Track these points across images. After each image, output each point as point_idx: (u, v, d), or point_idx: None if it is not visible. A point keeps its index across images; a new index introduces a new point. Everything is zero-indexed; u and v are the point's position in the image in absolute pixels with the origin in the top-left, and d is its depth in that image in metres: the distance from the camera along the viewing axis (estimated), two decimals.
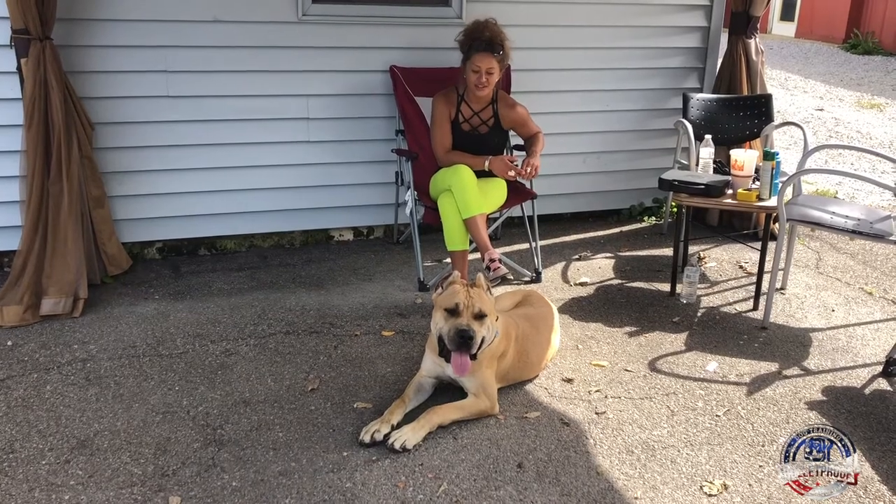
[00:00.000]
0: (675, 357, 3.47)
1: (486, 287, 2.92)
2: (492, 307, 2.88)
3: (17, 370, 3.19)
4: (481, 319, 2.80)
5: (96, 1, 3.92)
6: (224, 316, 3.74)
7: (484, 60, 3.84)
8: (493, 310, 2.89)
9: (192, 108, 4.22)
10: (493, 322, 2.86)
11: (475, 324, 2.77)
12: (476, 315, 2.79)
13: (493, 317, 2.87)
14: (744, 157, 3.93)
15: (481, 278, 2.91)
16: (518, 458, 2.70)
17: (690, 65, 5.18)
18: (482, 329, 2.79)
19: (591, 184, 5.20)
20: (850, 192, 6.28)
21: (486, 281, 2.91)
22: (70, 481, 2.53)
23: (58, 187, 3.69)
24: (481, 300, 2.82)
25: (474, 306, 2.79)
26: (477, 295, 2.83)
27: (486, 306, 2.82)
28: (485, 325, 2.80)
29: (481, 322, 2.79)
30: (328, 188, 4.61)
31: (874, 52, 15.28)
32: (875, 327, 3.81)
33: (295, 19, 4.26)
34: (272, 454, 2.69)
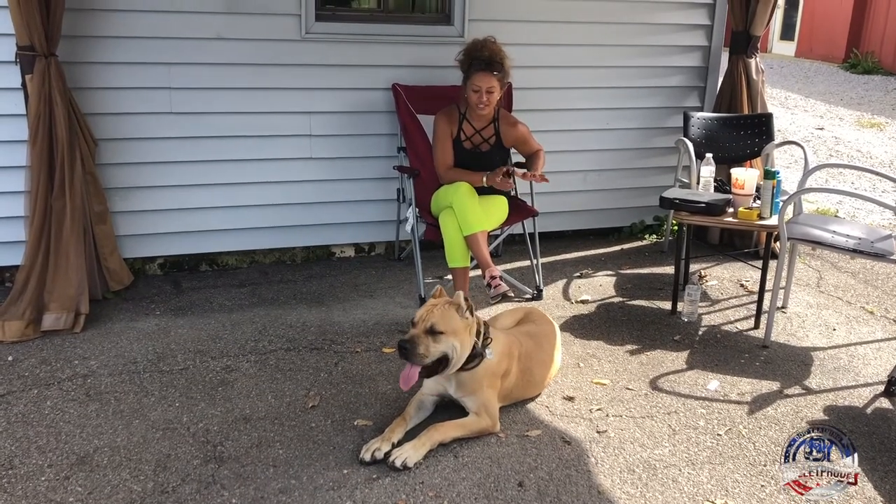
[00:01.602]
0: (676, 375, 3.46)
1: (464, 306, 2.82)
2: (456, 325, 2.79)
3: (17, 385, 3.18)
4: (435, 335, 2.75)
5: (101, 18, 3.95)
6: (225, 332, 3.74)
7: (484, 80, 3.86)
8: (461, 328, 2.80)
9: (195, 124, 4.24)
10: (458, 340, 2.78)
11: (423, 338, 2.74)
12: (428, 329, 2.76)
13: (459, 336, 2.79)
14: (745, 175, 3.94)
15: (459, 297, 2.83)
16: (519, 476, 2.69)
17: (691, 84, 5.21)
18: (432, 344, 2.75)
19: (593, 201, 5.22)
20: (851, 211, 6.29)
21: (463, 300, 2.82)
22: (69, 498, 2.52)
23: (61, 203, 3.71)
24: (442, 317, 2.78)
25: (427, 321, 2.77)
26: (440, 311, 2.80)
27: (445, 323, 2.77)
28: (441, 342, 2.76)
29: (434, 337, 2.75)
30: (330, 204, 4.62)
31: (874, 71, 15.35)
32: (877, 346, 3.80)
33: (298, 37, 4.29)
34: (272, 471, 2.68)
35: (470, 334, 2.85)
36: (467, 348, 2.84)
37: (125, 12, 3.98)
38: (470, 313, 2.86)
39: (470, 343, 2.85)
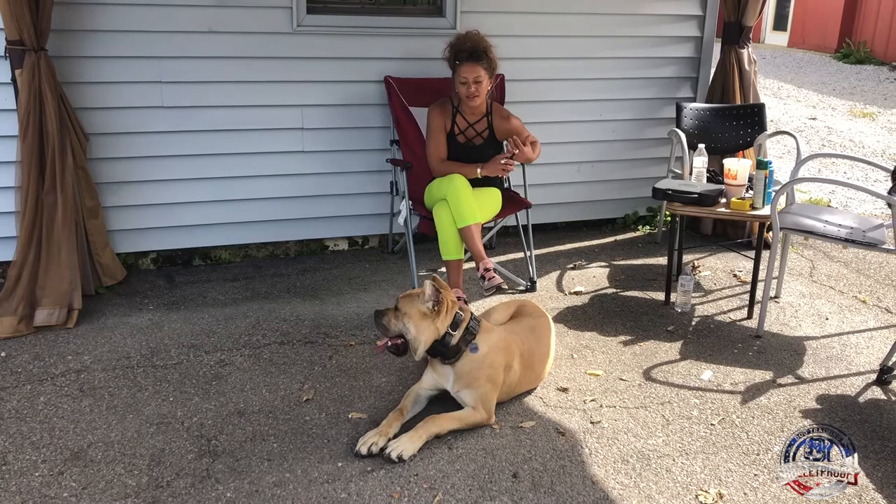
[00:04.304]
0: (669, 366, 3.47)
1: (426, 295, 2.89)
2: (413, 311, 2.91)
3: (10, 382, 3.18)
4: (397, 313, 2.94)
5: (91, 12, 3.93)
6: (218, 326, 3.74)
7: (469, 70, 3.86)
8: (416, 315, 2.90)
9: (187, 118, 4.22)
10: (413, 324, 2.90)
11: (391, 312, 2.96)
12: (395, 307, 2.97)
13: (414, 321, 2.90)
14: (737, 166, 3.94)
15: (426, 285, 2.90)
16: (513, 467, 2.70)
17: (684, 74, 5.20)
18: (394, 321, 2.94)
19: (586, 193, 5.22)
20: (844, 201, 6.31)
21: (430, 289, 2.89)
22: (64, 493, 2.52)
23: (52, 198, 3.69)
24: (406, 299, 2.96)
25: (399, 301, 2.98)
26: (407, 295, 2.98)
27: (406, 306, 2.94)
28: (400, 321, 2.93)
29: (396, 314, 2.94)
30: (323, 198, 4.61)
31: (866, 61, 15.37)
32: (869, 335, 3.82)
33: (290, 30, 4.28)
34: (267, 465, 2.68)
35: (432, 322, 2.89)
36: (424, 333, 2.90)
37: (115, 6, 3.95)
38: (434, 304, 2.90)
39: (429, 330, 2.90)
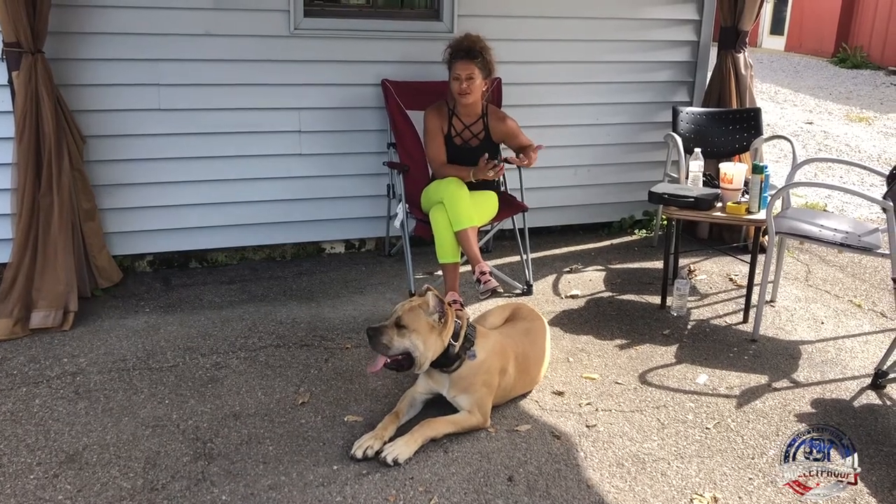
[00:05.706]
0: (665, 370, 3.47)
1: (432, 307, 2.83)
2: (420, 324, 2.81)
3: (5, 384, 3.17)
4: (400, 329, 2.81)
5: (88, 14, 3.93)
6: (214, 329, 3.73)
7: (463, 67, 3.88)
8: (424, 328, 2.81)
9: (184, 121, 4.22)
10: (420, 339, 2.81)
11: (390, 329, 2.81)
12: (396, 322, 2.82)
13: (422, 335, 2.81)
14: (733, 170, 3.95)
15: (429, 298, 2.85)
16: (509, 471, 2.70)
17: (680, 79, 5.22)
18: (396, 337, 2.80)
19: (582, 197, 5.22)
20: (839, 205, 6.33)
21: (433, 301, 2.83)
22: (59, 496, 2.51)
23: (48, 200, 3.69)
24: (410, 313, 2.83)
25: (397, 314, 2.84)
26: (409, 307, 2.85)
27: (411, 320, 2.81)
28: (405, 337, 2.80)
29: (400, 331, 2.81)
30: (320, 201, 4.61)
31: (863, 65, 15.42)
32: (864, 339, 3.83)
33: (287, 33, 4.28)
34: (262, 468, 2.68)
35: (439, 335, 2.84)
36: (432, 348, 2.83)
37: (113, 8, 3.96)
38: (440, 316, 2.84)
39: (437, 344, 2.84)
